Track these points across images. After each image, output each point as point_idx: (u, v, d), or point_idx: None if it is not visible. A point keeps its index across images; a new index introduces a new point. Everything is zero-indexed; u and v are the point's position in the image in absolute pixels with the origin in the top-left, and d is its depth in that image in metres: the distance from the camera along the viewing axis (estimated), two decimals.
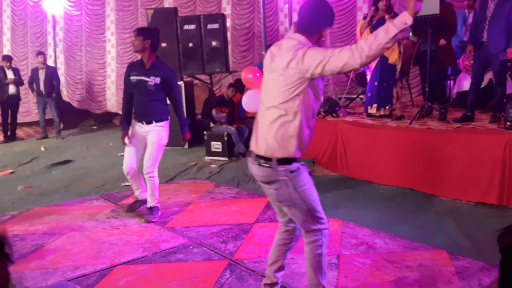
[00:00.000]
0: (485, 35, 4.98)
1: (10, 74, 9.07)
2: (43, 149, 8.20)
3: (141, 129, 4.09)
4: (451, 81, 6.64)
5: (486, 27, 4.95)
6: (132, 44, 4.15)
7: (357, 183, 5.17)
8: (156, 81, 3.98)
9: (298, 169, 2.28)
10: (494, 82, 5.52)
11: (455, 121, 5.14)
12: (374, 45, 2.00)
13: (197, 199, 4.83)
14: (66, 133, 9.95)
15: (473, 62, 5.48)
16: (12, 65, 9.33)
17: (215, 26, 7.66)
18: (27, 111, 11.42)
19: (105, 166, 6.60)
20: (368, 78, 5.93)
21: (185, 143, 4.36)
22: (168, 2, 10.11)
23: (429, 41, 5.27)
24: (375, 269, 3.05)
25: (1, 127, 9.33)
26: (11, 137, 9.23)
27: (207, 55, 7.75)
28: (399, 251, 3.32)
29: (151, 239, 3.73)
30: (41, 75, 9.06)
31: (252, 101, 4.66)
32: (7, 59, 9.23)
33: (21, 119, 10.55)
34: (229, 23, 9.35)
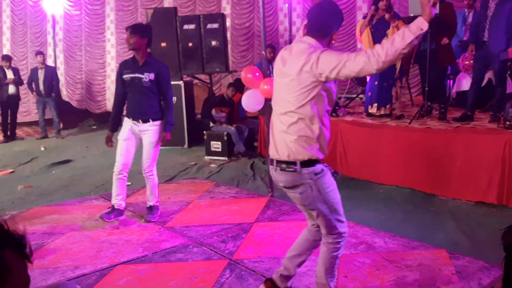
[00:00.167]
0: (486, 35, 4.98)
1: (9, 74, 9.07)
2: (42, 148, 8.19)
3: (137, 128, 4.03)
4: (451, 81, 6.64)
5: (487, 26, 4.95)
6: (126, 42, 3.96)
7: (356, 183, 5.17)
8: (150, 77, 3.92)
9: (322, 171, 2.29)
10: (493, 81, 5.52)
11: (454, 121, 5.14)
12: (391, 50, 2.00)
13: (197, 199, 4.83)
14: (65, 132, 9.95)
15: (473, 61, 5.48)
16: (11, 65, 9.32)
17: (215, 25, 7.65)
18: (26, 110, 11.41)
19: (105, 165, 6.59)
20: (367, 77, 5.93)
21: (164, 143, 4.07)
22: (167, 1, 10.11)
23: (429, 41, 5.27)
24: (374, 269, 3.05)
25: (1, 127, 9.32)
26: (10, 136, 9.23)
27: (206, 55, 7.75)
28: (399, 250, 3.32)
29: (151, 239, 3.73)
30: (40, 75, 9.06)
31: (251, 101, 4.64)
32: (6, 59, 9.23)
33: (21, 119, 10.54)
34: (228, 22, 9.36)
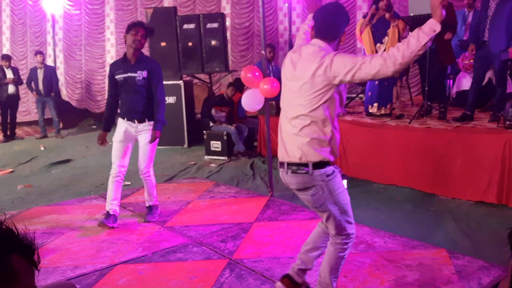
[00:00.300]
0: (486, 35, 4.98)
1: (9, 73, 9.07)
2: (42, 148, 8.19)
3: (133, 129, 3.97)
4: (451, 80, 6.64)
5: (487, 26, 4.95)
6: (137, 41, 3.81)
7: (356, 182, 5.16)
8: (143, 74, 3.86)
9: (333, 172, 2.32)
10: (493, 81, 5.52)
11: (454, 120, 5.14)
12: (407, 52, 2.01)
13: (197, 199, 4.83)
14: (65, 132, 9.95)
15: (474, 61, 5.47)
16: (11, 65, 9.32)
17: (215, 25, 7.65)
18: (26, 110, 11.41)
19: (105, 165, 6.56)
20: None
21: (152, 141, 3.92)
22: (167, 1, 10.10)
23: None
24: (374, 268, 3.04)
25: (0, 127, 9.32)
26: (10, 136, 9.23)
27: (206, 54, 7.75)
28: (399, 250, 3.32)
29: (150, 238, 3.73)
30: (40, 74, 9.05)
31: (251, 101, 4.63)
32: (6, 58, 9.22)
33: (21, 119, 10.54)
34: (228, 22, 9.35)
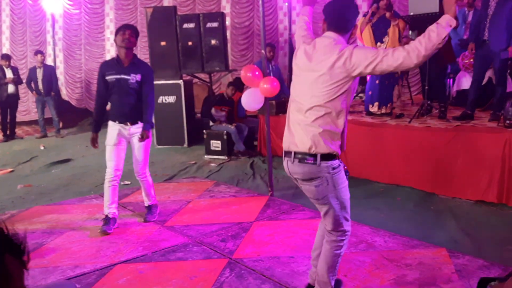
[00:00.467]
0: (486, 34, 4.98)
1: (9, 73, 9.06)
2: (42, 148, 8.19)
3: (126, 131, 3.93)
4: (451, 80, 6.64)
5: (487, 25, 4.95)
6: (126, 39, 3.78)
7: (356, 182, 5.15)
8: (137, 78, 3.84)
9: (339, 166, 2.33)
10: (494, 80, 5.52)
11: (454, 120, 5.14)
12: (429, 45, 2.08)
13: (197, 198, 4.82)
14: (65, 132, 9.94)
15: (474, 60, 5.47)
16: (11, 64, 9.31)
17: (215, 24, 7.64)
18: (26, 110, 11.40)
19: (105, 165, 6.54)
20: (367, 76, 5.93)
21: (142, 140, 3.87)
22: (167, 0, 10.10)
23: None
24: (374, 268, 3.04)
25: (0, 126, 9.32)
26: (10, 136, 9.23)
27: (206, 54, 7.74)
28: (399, 249, 3.32)
29: (150, 238, 3.73)
30: (39, 74, 9.05)
31: (251, 100, 4.63)
32: (6, 58, 9.22)
33: (20, 118, 10.54)
34: (228, 21, 9.35)
